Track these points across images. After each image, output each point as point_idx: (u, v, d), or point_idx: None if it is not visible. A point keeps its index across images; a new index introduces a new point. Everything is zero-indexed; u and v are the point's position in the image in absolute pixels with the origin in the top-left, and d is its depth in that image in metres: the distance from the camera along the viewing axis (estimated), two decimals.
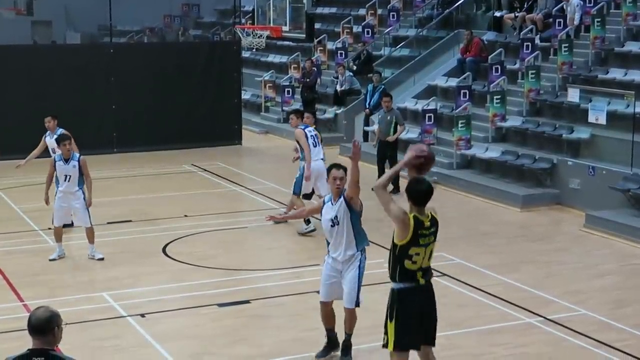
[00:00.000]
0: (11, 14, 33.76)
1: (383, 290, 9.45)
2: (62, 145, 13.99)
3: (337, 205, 9.67)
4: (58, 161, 13.97)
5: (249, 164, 22.30)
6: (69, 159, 13.92)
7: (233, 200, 18.57)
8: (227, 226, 16.11)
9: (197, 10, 38.10)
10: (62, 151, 13.98)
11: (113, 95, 23.36)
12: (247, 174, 20.85)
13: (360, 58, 26.24)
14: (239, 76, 25.49)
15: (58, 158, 14.00)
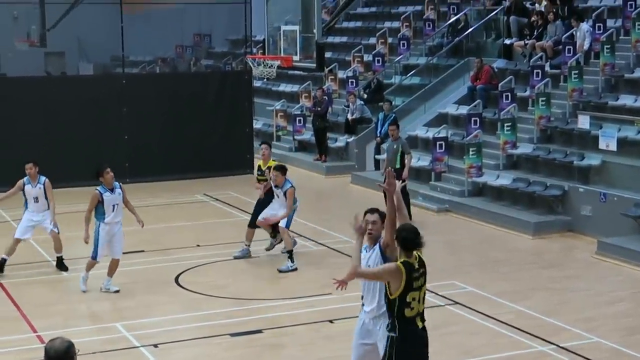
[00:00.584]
0: (24, 45, 33.98)
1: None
2: (106, 173, 13.90)
3: (371, 253, 8.61)
4: (104, 193, 13.78)
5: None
6: (113, 188, 13.86)
7: (245, 230, 18.57)
8: None
9: (209, 40, 38.28)
10: (106, 180, 13.89)
11: (125, 125, 23.51)
12: None
13: (371, 86, 26.36)
14: (251, 105, 25.62)
15: (103, 190, 13.81)
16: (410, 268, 7.93)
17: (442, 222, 19.04)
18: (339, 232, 17.80)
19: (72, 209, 20.05)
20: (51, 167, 22.31)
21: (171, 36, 36.81)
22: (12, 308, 13.24)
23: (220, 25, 35.03)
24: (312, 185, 23.48)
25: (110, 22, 27.23)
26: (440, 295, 13.59)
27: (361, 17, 32.67)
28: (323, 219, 19.11)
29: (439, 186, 20.68)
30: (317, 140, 25.57)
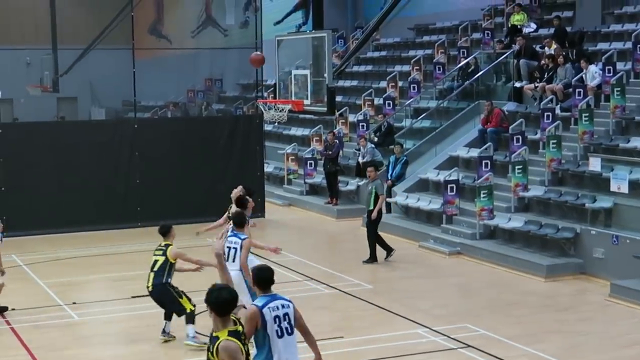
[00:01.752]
0: (37, 90, 34.22)
1: None
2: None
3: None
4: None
5: (272, 236, 22.30)
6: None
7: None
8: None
9: (220, 84, 38.50)
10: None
11: (137, 170, 23.60)
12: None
13: (382, 130, 26.44)
14: (262, 149, 25.71)
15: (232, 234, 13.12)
16: (238, 335, 7.37)
17: (453, 265, 18.99)
18: (350, 275, 17.77)
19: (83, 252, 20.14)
20: (63, 211, 22.50)
21: (183, 81, 37.04)
22: (24, 352, 13.22)
23: (232, 70, 35.28)
24: (323, 228, 23.49)
25: (122, 67, 27.45)
26: (453, 338, 13.53)
27: (371, 60, 32.87)
28: (334, 262, 19.09)
29: (450, 229, 20.64)
30: (328, 183, 25.61)
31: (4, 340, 13.90)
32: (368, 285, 17.05)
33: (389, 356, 12.83)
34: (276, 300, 8.47)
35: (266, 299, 8.42)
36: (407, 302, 15.79)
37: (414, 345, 13.27)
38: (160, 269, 13.49)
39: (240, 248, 12.84)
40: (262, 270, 8.59)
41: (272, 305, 8.40)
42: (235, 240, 12.94)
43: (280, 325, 8.43)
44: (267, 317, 8.33)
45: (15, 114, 33.11)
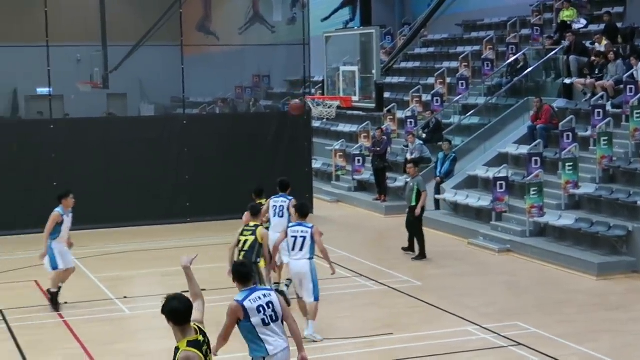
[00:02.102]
0: (88, 87, 34.53)
1: None
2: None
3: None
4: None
5: None
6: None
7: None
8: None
9: (268, 81, 38.58)
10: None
11: (186, 166, 23.75)
12: None
13: (430, 126, 26.34)
14: (310, 145, 25.73)
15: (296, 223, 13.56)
16: (197, 345, 7.23)
17: (503, 263, 18.87)
18: (399, 272, 17.74)
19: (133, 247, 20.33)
20: (113, 206, 22.71)
21: (231, 77, 37.16)
22: (76, 345, 13.37)
23: (279, 66, 35.33)
24: (371, 224, 23.47)
25: (171, 64, 27.63)
26: (503, 336, 13.44)
27: (419, 57, 32.75)
28: (383, 259, 19.06)
29: (499, 226, 20.51)
30: (376, 180, 25.58)
31: (58, 333, 14.08)
32: (417, 282, 17.01)
33: (438, 353, 12.79)
34: (256, 292, 8.81)
35: (245, 292, 8.76)
36: (457, 299, 15.72)
37: (463, 343, 13.20)
38: (250, 248, 13.82)
39: (310, 236, 13.22)
40: (241, 265, 8.99)
41: (252, 297, 8.73)
42: (303, 229, 13.32)
43: (265, 314, 8.75)
44: (250, 308, 8.66)
45: (66, 110, 33.46)
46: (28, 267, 18.45)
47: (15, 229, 21.74)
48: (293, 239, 13.33)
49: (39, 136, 22.72)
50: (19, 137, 22.65)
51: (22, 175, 22.27)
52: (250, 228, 14.02)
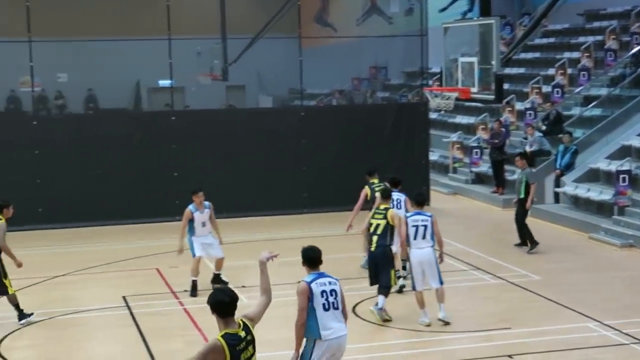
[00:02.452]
0: (207, 79, 35.21)
1: None
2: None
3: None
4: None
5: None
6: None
7: None
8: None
9: (385, 72, 38.57)
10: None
11: (304, 157, 23.92)
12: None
13: (550, 118, 25.85)
14: (427, 137, 25.59)
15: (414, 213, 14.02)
16: (233, 339, 7.23)
17: (626, 258, 18.41)
18: (517, 265, 17.49)
19: (251, 237, 20.59)
20: (232, 196, 23.06)
21: (348, 69, 37.30)
22: (196, 332, 13.63)
23: (397, 58, 35.25)
24: (489, 217, 23.21)
25: (289, 56, 27.87)
26: (625, 333, 13.11)
27: (539, 48, 32.17)
28: (500, 252, 18.81)
29: (622, 220, 19.99)
30: (494, 172, 25.27)
31: (178, 320, 14.39)
32: (535, 276, 16.74)
33: (557, 349, 12.57)
34: (323, 277, 9.43)
35: (313, 276, 9.42)
36: (576, 294, 15.41)
37: (583, 339, 12.94)
38: (384, 231, 14.13)
39: (431, 224, 13.61)
40: (310, 250, 9.53)
41: (319, 281, 9.37)
42: (423, 218, 13.71)
43: (328, 300, 9.35)
44: (315, 291, 9.30)
45: (187, 102, 34.16)
46: (150, 255, 18.93)
47: (136, 218, 22.31)
48: (414, 228, 13.63)
49: (161, 127, 23.22)
50: (141, 128, 23.18)
51: (143, 165, 22.80)
52: (381, 211, 14.31)
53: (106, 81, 34.65)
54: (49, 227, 21.97)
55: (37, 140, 22.30)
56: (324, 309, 9.32)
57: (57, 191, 22.28)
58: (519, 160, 19.38)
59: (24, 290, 16.40)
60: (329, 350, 9.34)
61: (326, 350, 9.33)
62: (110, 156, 22.71)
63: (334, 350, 9.38)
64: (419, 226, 13.66)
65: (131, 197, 22.58)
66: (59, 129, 22.96)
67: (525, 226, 19.04)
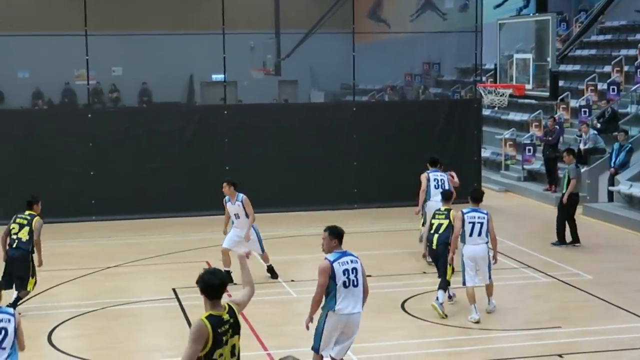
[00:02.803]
0: (260, 74, 35.33)
1: None
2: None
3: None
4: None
5: None
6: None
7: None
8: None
9: (438, 68, 38.39)
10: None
11: (355, 152, 23.88)
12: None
13: (605, 116, 25.53)
14: (479, 134, 25.40)
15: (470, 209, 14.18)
16: (217, 321, 7.42)
17: None
18: (568, 264, 17.30)
19: (300, 232, 20.61)
20: (282, 191, 23.13)
21: (401, 64, 37.20)
22: (245, 325, 13.66)
23: (450, 54, 35.06)
24: (541, 215, 22.97)
25: (342, 51, 27.87)
26: None
27: (595, 44, 31.78)
28: (553, 251, 18.62)
29: None
30: (547, 170, 25.02)
31: None
32: (587, 275, 16.54)
33: (608, 349, 12.41)
34: (346, 256, 10.10)
35: (338, 254, 10.08)
36: (630, 294, 15.20)
37: (635, 340, 12.75)
38: (446, 230, 14.46)
39: (487, 222, 13.86)
40: (336, 227, 10.18)
41: (341, 260, 10.05)
42: (479, 215, 13.91)
43: (349, 278, 10.02)
44: (337, 270, 9.97)
45: (239, 96, 34.31)
46: (201, 248, 19.04)
47: (187, 211, 22.45)
48: (471, 225, 13.84)
49: (213, 121, 23.33)
50: (194, 122, 23.30)
51: (195, 159, 22.93)
52: (442, 212, 14.80)
53: (160, 75, 34.96)
54: (101, 219, 22.23)
55: (91, 133, 22.55)
56: (344, 286, 10.01)
57: (110, 183, 22.52)
58: (566, 156, 19.34)
59: (76, 281, 16.62)
60: (339, 323, 10.07)
61: (337, 323, 10.07)
62: (163, 149, 22.88)
63: (342, 325, 10.09)
64: (475, 223, 13.85)
65: (183, 190, 22.73)
66: (113, 122, 23.18)
67: (573, 221, 18.90)
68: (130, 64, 35.04)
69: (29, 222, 14.20)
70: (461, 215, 13.97)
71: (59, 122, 22.94)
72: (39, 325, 13.72)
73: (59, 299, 15.41)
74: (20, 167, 22.12)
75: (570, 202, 18.95)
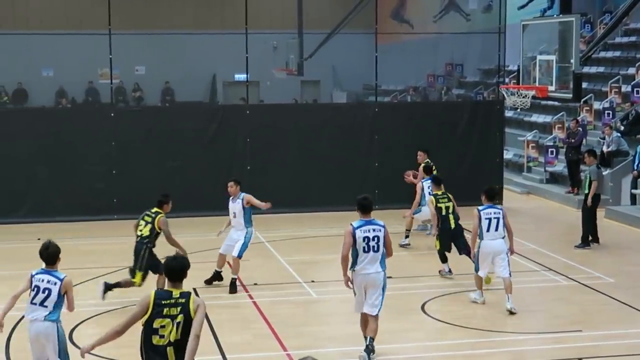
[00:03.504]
0: (283, 74, 35.39)
1: None
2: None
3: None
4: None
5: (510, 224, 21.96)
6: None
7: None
8: (486, 286, 15.91)
9: (461, 69, 38.31)
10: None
11: (376, 153, 23.86)
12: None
13: (629, 118, 25.39)
14: (502, 135, 25.30)
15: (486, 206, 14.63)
16: (163, 295, 8.21)
17: None
18: (591, 268, 17.22)
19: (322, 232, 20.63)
20: (304, 191, 23.14)
21: (423, 65, 37.15)
22: (265, 325, 13.71)
23: (473, 55, 34.96)
24: (563, 218, 22.88)
25: (364, 51, 27.83)
26: None
27: (619, 46, 31.60)
28: (575, 254, 18.53)
29: None
30: (569, 172, 24.90)
31: (247, 313, 14.48)
32: (609, 278, 16.45)
33: (629, 354, 12.34)
34: (370, 224, 11.55)
35: (362, 222, 11.56)
36: None
37: None
38: (454, 209, 16.54)
39: (503, 217, 14.36)
40: (364, 198, 11.79)
41: (364, 228, 11.49)
42: (495, 211, 14.42)
43: (368, 244, 11.46)
44: (357, 236, 11.46)
45: (262, 96, 34.38)
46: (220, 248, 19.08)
47: (209, 210, 22.46)
48: (487, 220, 14.27)
49: (235, 121, 23.38)
50: (216, 121, 23.36)
51: (217, 158, 22.98)
52: (442, 195, 16.76)
53: (183, 74, 35.10)
54: (123, 218, 22.25)
55: (114, 132, 22.65)
56: (364, 251, 11.49)
57: (132, 182, 22.60)
58: (587, 157, 19.32)
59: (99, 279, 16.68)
60: (360, 280, 11.64)
61: (359, 281, 11.65)
62: (184, 149, 22.95)
63: (363, 282, 11.63)
64: (491, 219, 14.28)
65: (205, 189, 22.74)
66: (136, 121, 23.26)
67: (591, 224, 18.87)
68: (153, 63, 35.20)
69: (152, 220, 14.85)
70: (477, 212, 14.30)
71: (82, 121, 23.06)
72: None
73: (82, 297, 15.41)
74: (43, 166, 22.25)
75: (593, 203, 18.91)
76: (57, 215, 21.77)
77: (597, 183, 18.89)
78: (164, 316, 8.11)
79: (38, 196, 22.29)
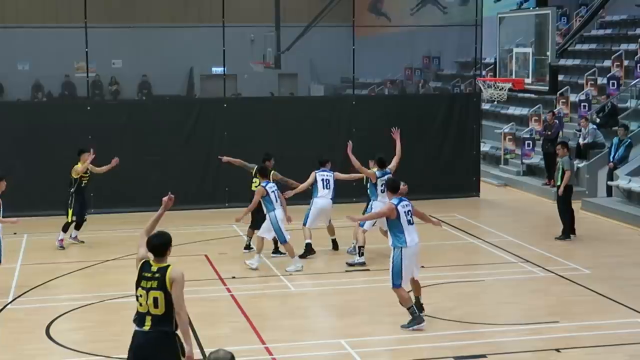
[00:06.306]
0: (260, 67, 35.35)
1: None
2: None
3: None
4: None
5: (487, 217, 22.09)
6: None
7: (470, 253, 18.46)
8: (464, 279, 16.00)
9: (438, 62, 38.38)
10: None
11: (354, 146, 23.75)
12: (484, 226, 20.65)
13: (605, 110, 25.53)
14: (479, 128, 25.38)
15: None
16: (146, 267, 8.90)
17: None
18: (568, 259, 17.32)
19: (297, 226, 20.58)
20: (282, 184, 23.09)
21: (400, 58, 37.19)
22: (243, 319, 13.71)
23: (450, 48, 35.02)
24: (540, 210, 22.99)
25: (341, 44, 27.86)
26: None
27: (595, 39, 31.76)
28: (551, 245, 18.63)
29: None
30: (546, 164, 25.01)
31: (225, 307, 14.46)
32: (586, 270, 16.55)
33: (606, 344, 12.43)
34: (404, 201, 12.89)
35: (398, 199, 12.82)
36: (628, 289, 15.21)
37: (634, 335, 12.77)
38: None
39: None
40: (394, 181, 13.31)
41: (401, 204, 12.79)
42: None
43: (408, 218, 12.74)
44: (400, 211, 12.70)
45: (239, 89, 34.31)
46: (199, 242, 19.08)
47: (186, 204, 22.38)
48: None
49: (213, 114, 23.31)
50: (194, 115, 23.28)
51: (195, 152, 22.91)
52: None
53: (160, 68, 34.98)
54: (100, 212, 22.20)
55: (90, 126, 22.50)
56: (409, 224, 12.71)
57: (109, 176, 22.45)
58: (560, 149, 19.39)
59: (76, 273, 16.64)
60: (413, 254, 12.75)
61: (411, 255, 12.71)
62: (162, 142, 22.86)
63: (414, 252, 12.80)
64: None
65: (182, 183, 22.65)
66: (113, 114, 23.15)
67: (568, 214, 19.00)
68: (130, 56, 35.06)
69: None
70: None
71: (59, 115, 22.92)
72: (37, 317, 13.76)
73: (59, 291, 15.43)
74: (20, 160, 22.08)
75: (565, 193, 19.03)
76: (33, 210, 21.62)
77: (570, 173, 19.01)
78: (141, 287, 8.82)
79: (13, 190, 22.12)
